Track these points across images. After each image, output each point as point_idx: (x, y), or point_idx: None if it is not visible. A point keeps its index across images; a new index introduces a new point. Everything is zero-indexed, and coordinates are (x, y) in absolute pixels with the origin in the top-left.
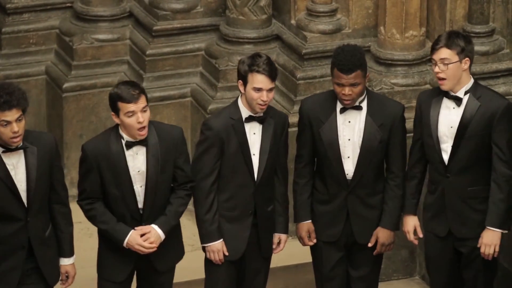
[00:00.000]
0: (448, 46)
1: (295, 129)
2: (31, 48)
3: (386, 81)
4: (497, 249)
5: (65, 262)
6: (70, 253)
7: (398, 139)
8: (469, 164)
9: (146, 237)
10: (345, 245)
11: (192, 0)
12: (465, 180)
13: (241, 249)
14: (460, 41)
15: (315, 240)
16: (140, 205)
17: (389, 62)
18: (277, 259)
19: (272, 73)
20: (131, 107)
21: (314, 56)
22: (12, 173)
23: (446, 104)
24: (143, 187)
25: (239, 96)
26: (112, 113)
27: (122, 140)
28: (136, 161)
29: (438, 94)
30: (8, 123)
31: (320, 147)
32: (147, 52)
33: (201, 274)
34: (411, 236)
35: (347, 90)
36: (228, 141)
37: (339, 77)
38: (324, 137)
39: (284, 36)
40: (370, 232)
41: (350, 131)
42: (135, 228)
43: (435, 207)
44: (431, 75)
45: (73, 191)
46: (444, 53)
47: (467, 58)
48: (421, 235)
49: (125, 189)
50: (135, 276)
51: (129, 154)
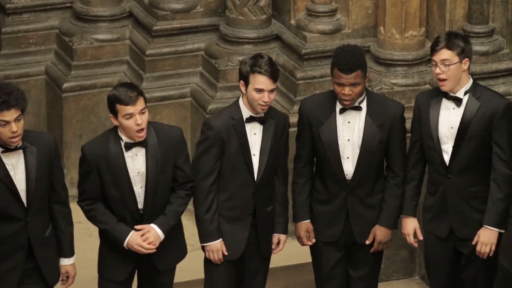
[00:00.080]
0: (449, 47)
1: (295, 129)
2: (30, 48)
3: (385, 81)
4: (493, 248)
5: (65, 262)
6: (70, 253)
7: (398, 139)
8: (470, 164)
9: (145, 237)
10: (345, 245)
11: (192, 0)
12: (466, 180)
13: (240, 249)
14: (460, 41)
15: (314, 240)
16: (140, 206)
17: (389, 62)
18: (277, 259)
19: (273, 74)
20: (130, 109)
21: (313, 56)
22: (11, 173)
23: (446, 104)
24: (143, 188)
25: (240, 96)
26: (111, 115)
27: (121, 142)
28: (136, 162)
29: (437, 95)
30: (7, 123)
31: (320, 147)
32: (147, 52)
33: (201, 274)
34: (411, 239)
35: (347, 90)
36: (229, 141)
37: (339, 77)
38: (324, 137)
39: (283, 36)
40: (370, 232)
41: (350, 131)
42: (135, 227)
43: (436, 208)
44: (430, 75)
45: (73, 191)
46: (444, 54)
47: (466, 59)
48: (421, 238)
49: (125, 191)
50: (136, 277)
51: (128, 155)
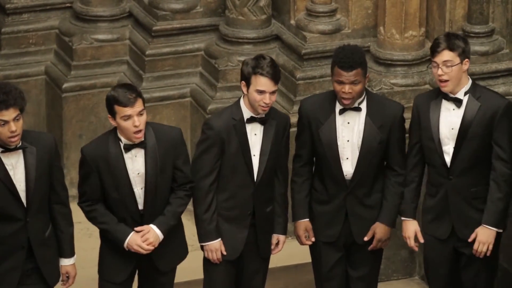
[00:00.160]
0: (450, 48)
1: (295, 129)
2: (30, 48)
3: (385, 81)
4: (490, 247)
5: (65, 262)
6: (70, 253)
7: (398, 138)
8: (471, 164)
9: (145, 238)
10: (344, 245)
11: (192, 0)
12: (467, 181)
13: (239, 249)
14: (460, 42)
15: (313, 239)
16: (141, 207)
17: (389, 62)
18: (277, 259)
19: (275, 76)
20: (128, 111)
21: (313, 56)
22: (11, 173)
23: (446, 106)
24: (143, 189)
25: (241, 97)
26: (109, 115)
27: (120, 143)
28: (135, 164)
29: (436, 96)
30: (6, 122)
31: (319, 148)
32: (147, 52)
33: (201, 274)
34: (411, 242)
35: (347, 88)
36: (229, 141)
37: (340, 75)
38: (323, 138)
39: (283, 36)
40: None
41: (349, 132)
42: (135, 229)
43: (437, 209)
44: (430, 76)
45: (73, 191)
46: (446, 55)
47: (467, 59)
48: (422, 240)
49: (125, 192)
50: (136, 277)
51: (127, 156)
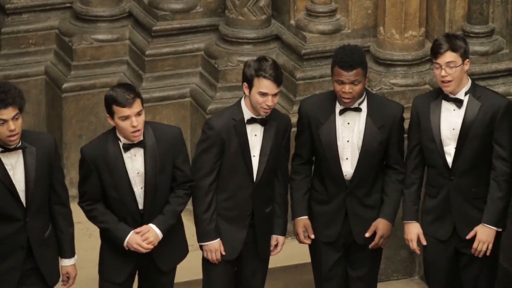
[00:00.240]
0: (453, 49)
1: (295, 129)
2: (30, 48)
3: (385, 81)
4: (490, 246)
5: (65, 263)
6: (71, 253)
7: (398, 138)
8: (472, 164)
9: (145, 237)
10: (344, 245)
11: (192, 0)
12: (469, 181)
13: (237, 249)
14: (461, 42)
15: (312, 236)
16: (141, 206)
17: (389, 62)
18: (277, 259)
19: (278, 78)
20: (126, 111)
21: (313, 56)
22: (10, 173)
23: (446, 106)
24: (143, 189)
25: (242, 97)
26: (107, 115)
27: (120, 143)
28: (135, 163)
29: (436, 97)
30: (5, 121)
31: (319, 148)
32: (147, 52)
33: (201, 274)
34: (414, 245)
35: (347, 88)
36: (229, 141)
37: (340, 75)
38: (323, 138)
39: (283, 36)
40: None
41: (349, 132)
42: (134, 230)
43: (438, 210)
44: (430, 76)
45: (72, 191)
46: (449, 56)
47: (467, 59)
48: (424, 243)
49: (125, 192)
50: (136, 277)
51: (127, 156)
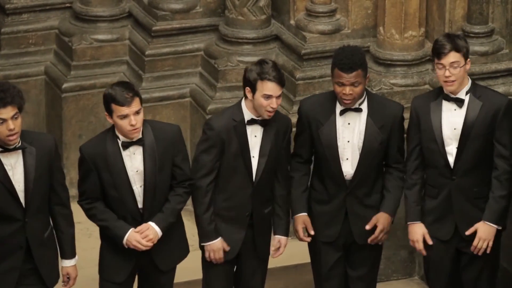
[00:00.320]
0: (456, 49)
1: (294, 129)
2: (30, 48)
3: (385, 81)
4: (490, 244)
5: (66, 263)
6: (71, 254)
7: (399, 138)
8: (474, 164)
9: (145, 235)
10: (344, 245)
11: (191, 1)
12: (470, 181)
13: (236, 249)
14: (463, 42)
15: (312, 232)
16: (140, 205)
17: (388, 62)
18: (277, 259)
19: (281, 80)
20: (124, 110)
21: (313, 56)
22: (10, 173)
23: (447, 106)
24: (142, 187)
25: (243, 99)
26: (106, 113)
27: (118, 141)
28: (134, 161)
29: (436, 97)
30: (4, 121)
31: (319, 148)
32: (146, 53)
33: (201, 274)
34: (420, 245)
35: (347, 90)
36: (229, 142)
37: (340, 77)
38: (323, 139)
39: (283, 36)
40: (369, 232)
41: (350, 133)
42: (134, 230)
43: (439, 211)
44: (430, 75)
45: (72, 191)
46: (453, 56)
47: (469, 59)
48: (430, 242)
49: (124, 190)
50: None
51: (126, 154)
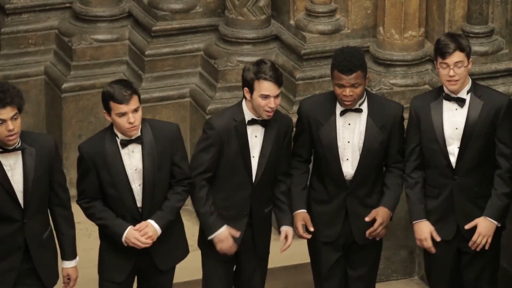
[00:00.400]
0: (461, 49)
1: (294, 129)
2: (30, 48)
3: (385, 82)
4: (489, 241)
5: (66, 265)
6: (72, 255)
7: (399, 138)
8: (476, 164)
9: (144, 232)
10: (344, 245)
11: (191, 1)
12: (472, 180)
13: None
14: (466, 42)
15: (311, 228)
16: (139, 204)
17: (388, 62)
18: (277, 259)
19: (278, 79)
20: (123, 108)
21: (313, 56)
22: (9, 174)
23: (448, 106)
24: (141, 186)
25: (243, 99)
26: (104, 111)
27: (117, 139)
28: (133, 159)
29: (436, 97)
30: (3, 121)
31: (319, 148)
32: (146, 53)
33: (201, 274)
34: (429, 243)
35: (348, 91)
36: (229, 142)
37: (340, 78)
38: (323, 139)
39: (283, 36)
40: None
41: (350, 133)
42: (133, 228)
43: (440, 211)
44: (430, 76)
45: (72, 191)
46: (458, 56)
47: (470, 59)
48: (438, 239)
49: (123, 189)
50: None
51: (124, 152)
